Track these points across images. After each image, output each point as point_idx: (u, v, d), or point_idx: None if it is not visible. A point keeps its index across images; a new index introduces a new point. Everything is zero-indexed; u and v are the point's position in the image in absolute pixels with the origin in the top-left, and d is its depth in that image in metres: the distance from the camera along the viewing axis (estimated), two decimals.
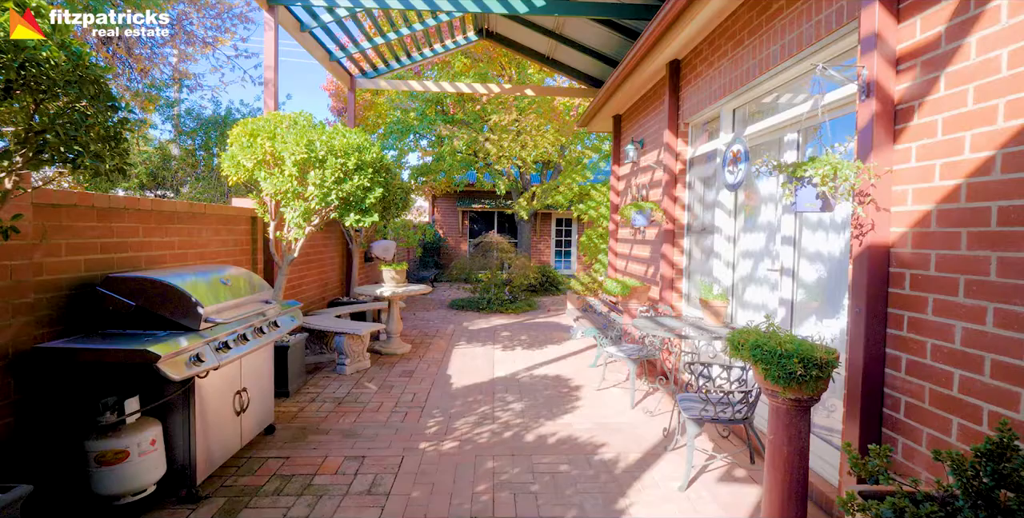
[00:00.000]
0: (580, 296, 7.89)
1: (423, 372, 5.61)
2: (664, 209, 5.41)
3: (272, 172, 4.27)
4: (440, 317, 9.36)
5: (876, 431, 2.53)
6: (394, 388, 5.03)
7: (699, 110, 4.96)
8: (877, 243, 2.49)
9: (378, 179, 4.59)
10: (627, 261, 7.35)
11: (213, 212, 4.41)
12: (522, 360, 6.20)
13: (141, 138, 9.04)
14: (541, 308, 10.58)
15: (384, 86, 8.29)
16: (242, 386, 3.45)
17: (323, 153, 4.29)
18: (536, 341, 7.31)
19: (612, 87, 6.55)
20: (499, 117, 10.40)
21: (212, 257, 4.49)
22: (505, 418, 4.25)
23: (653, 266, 6.10)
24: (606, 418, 4.27)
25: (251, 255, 5.18)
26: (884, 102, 2.48)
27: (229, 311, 3.26)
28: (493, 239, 10.78)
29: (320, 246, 7.17)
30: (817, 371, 2.27)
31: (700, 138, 5.30)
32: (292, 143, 4.20)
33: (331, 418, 4.21)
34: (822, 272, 3.49)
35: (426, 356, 6.32)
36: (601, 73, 8.12)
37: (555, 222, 17.92)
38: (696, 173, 5.33)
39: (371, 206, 4.56)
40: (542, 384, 5.23)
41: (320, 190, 4.29)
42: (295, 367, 4.86)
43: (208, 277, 3.32)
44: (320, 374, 5.47)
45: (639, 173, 6.78)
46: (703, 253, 5.20)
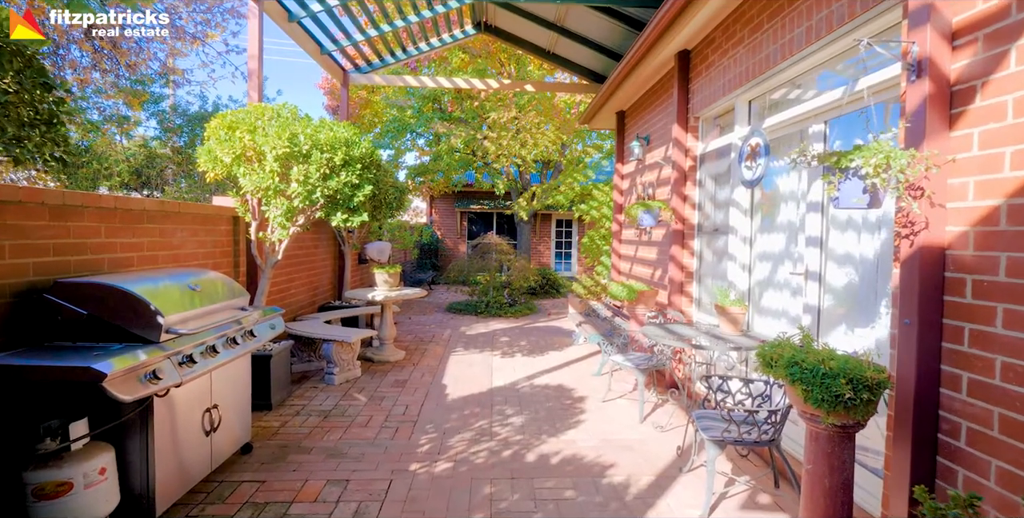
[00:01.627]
0: (582, 300, 7.57)
1: (417, 381, 5.28)
2: (673, 208, 5.09)
3: (252, 168, 3.94)
4: (437, 321, 9.03)
5: (929, 460, 2.20)
6: (385, 400, 4.69)
7: (711, 103, 4.65)
8: (930, 244, 2.16)
9: (367, 175, 4.27)
10: (631, 263, 7.03)
11: (189, 211, 4.09)
12: (522, 368, 5.87)
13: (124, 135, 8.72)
14: (541, 311, 10.25)
15: (378, 81, 7.97)
16: (213, 403, 3.12)
17: (307, 147, 3.96)
18: (537, 347, 6.98)
19: (616, 81, 6.23)
20: (498, 114, 10.08)
21: (188, 260, 4.16)
22: (504, 434, 3.93)
23: (660, 269, 5.78)
24: (613, 434, 3.94)
25: (232, 257, 4.85)
26: (938, 82, 2.16)
27: (197, 320, 2.93)
28: (492, 240, 10.45)
29: (310, 248, 6.84)
30: (868, 394, 1.95)
31: (711, 133, 4.99)
32: (273, 136, 3.88)
33: (315, 434, 3.88)
34: (852, 276, 3.17)
35: (421, 364, 5.99)
36: (604, 68, 7.81)
37: (555, 223, 17.60)
38: (707, 170, 5.02)
39: (360, 205, 4.23)
40: (543, 395, 4.90)
41: (304, 187, 3.96)
42: (279, 377, 4.53)
43: (174, 282, 2.99)
44: (307, 384, 5.14)
45: (645, 171, 6.46)
46: (715, 255, 4.88)
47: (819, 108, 3.25)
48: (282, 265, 6.00)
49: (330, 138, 4.10)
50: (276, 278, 5.84)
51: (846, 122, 3.26)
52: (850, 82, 2.97)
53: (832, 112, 3.20)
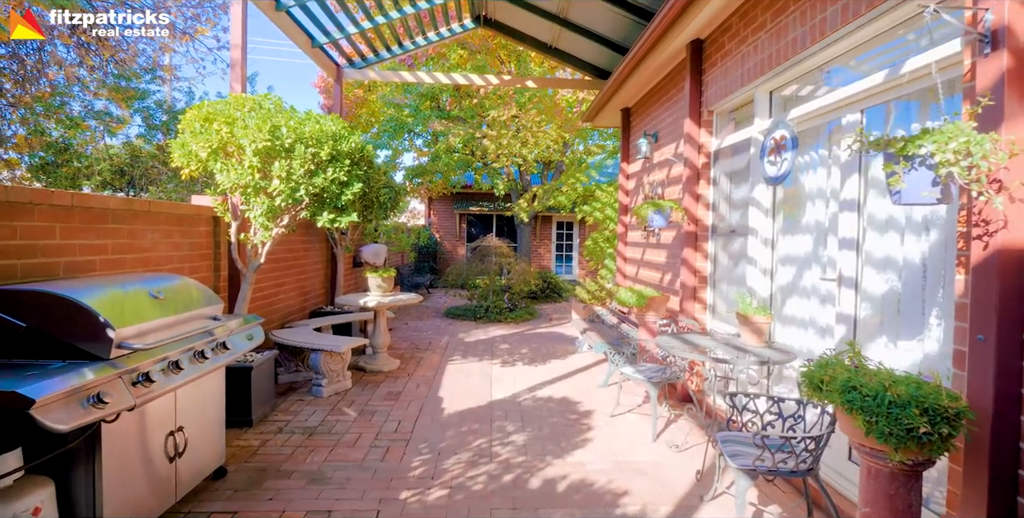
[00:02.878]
0: (586, 305, 7.23)
1: (411, 394, 4.93)
2: (685, 208, 4.76)
3: (229, 163, 3.61)
4: (434, 327, 8.68)
5: (1009, 501, 1.87)
6: (376, 414, 4.35)
7: (726, 95, 4.33)
8: (1011, 246, 1.83)
9: (357, 172, 3.94)
10: (638, 267, 6.70)
11: (161, 211, 3.75)
12: (523, 378, 5.53)
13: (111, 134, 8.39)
14: (542, 317, 9.91)
15: (374, 77, 7.65)
16: (178, 425, 2.78)
17: (290, 141, 3.63)
18: (538, 355, 6.64)
19: (622, 75, 5.92)
20: (498, 112, 9.75)
21: (161, 264, 3.82)
22: (505, 455, 3.58)
23: (670, 273, 5.45)
24: (625, 454, 3.60)
25: (213, 261, 4.51)
26: (1019, 56, 1.83)
27: (159, 332, 2.60)
28: (492, 243, 10.12)
29: (300, 250, 6.50)
30: (947, 427, 1.61)
31: (726, 128, 4.67)
32: (253, 129, 3.55)
33: (298, 456, 3.53)
34: (894, 283, 2.84)
35: (416, 374, 5.64)
36: (609, 63, 7.49)
37: (555, 225, 17.28)
38: (722, 167, 4.69)
39: (348, 204, 3.90)
40: (547, 409, 4.55)
41: (287, 184, 3.63)
42: (261, 390, 4.19)
43: (134, 289, 2.66)
44: (294, 396, 4.79)
45: (653, 170, 6.14)
46: (731, 259, 4.55)
47: (855, 96, 2.93)
48: (269, 269, 5.66)
49: (316, 131, 3.77)
50: (262, 283, 5.51)
51: (882, 112, 2.93)
52: (894, 64, 2.64)
53: (872, 99, 2.87)
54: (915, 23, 2.59)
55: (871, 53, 3.02)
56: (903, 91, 2.66)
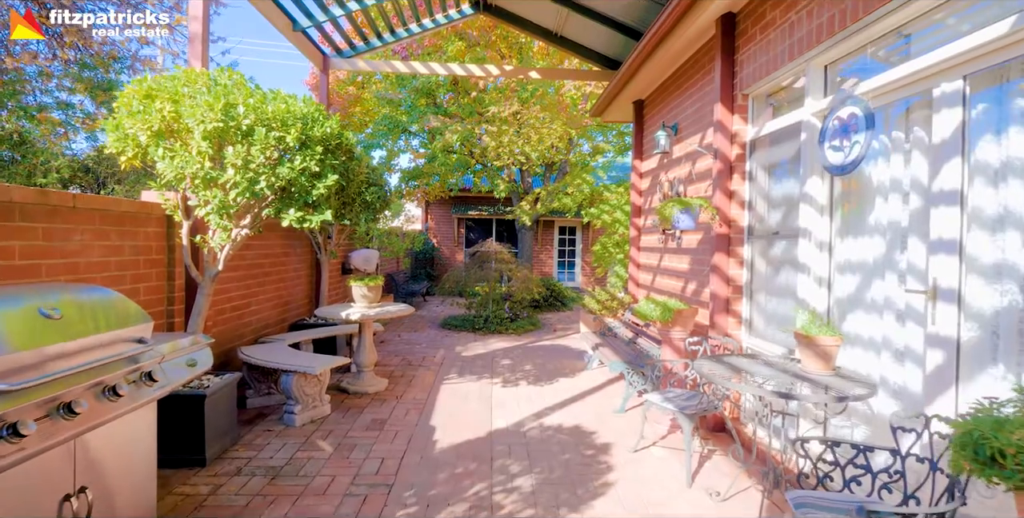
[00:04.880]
0: (596, 316, 6.57)
1: (399, 422, 4.26)
2: (717, 207, 4.12)
3: (173, 148, 2.96)
4: (429, 339, 8.01)
5: None
6: (356, 449, 3.68)
7: (768, 74, 3.70)
8: None
9: (332, 162, 3.29)
10: (653, 274, 6.05)
11: (93, 206, 3.10)
12: (528, 401, 4.86)
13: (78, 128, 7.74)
14: (546, 327, 9.24)
15: (363, 67, 7.04)
16: (78, 485, 2.11)
17: (249, 122, 2.99)
18: (544, 372, 5.96)
19: (637, 61, 5.30)
20: (498, 108, 9.13)
21: (93, 272, 3.17)
22: (509, 506, 2.91)
23: (695, 282, 4.80)
24: (657, 507, 2.93)
25: (165, 268, 3.86)
26: None
27: (51, 363, 1.93)
28: (491, 248, 9.47)
29: (279, 255, 5.84)
30: None
31: (763, 114, 4.04)
32: (203, 106, 2.90)
33: (255, 507, 2.86)
34: (1015, 296, 2.19)
35: (406, 396, 4.96)
36: (620, 51, 6.89)
37: (558, 230, 16.64)
38: (759, 160, 4.05)
39: (321, 199, 3.25)
40: (557, 441, 3.88)
41: (243, 174, 2.98)
42: (218, 421, 3.52)
43: (17, 307, 2.00)
44: (262, 424, 4.12)
45: (672, 166, 5.50)
46: (771, 265, 3.91)
47: (957, 57, 2.29)
48: (240, 277, 5.00)
49: (281, 112, 3.12)
50: (231, 293, 4.85)
51: (993, 78, 2.30)
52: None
53: (985, 59, 2.23)
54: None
55: (971, 8, 2.39)
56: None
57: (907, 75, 2.58)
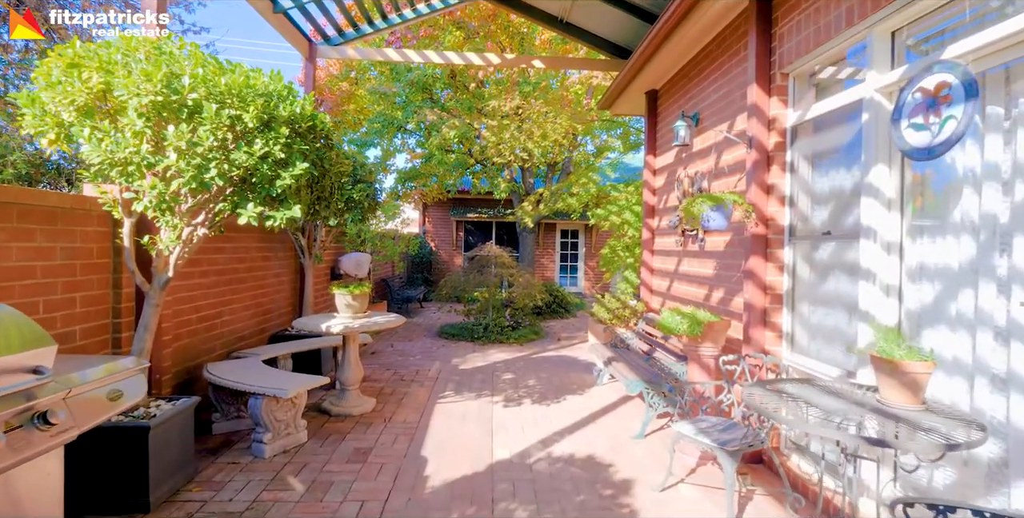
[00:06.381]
0: (607, 326, 6.01)
1: (385, 451, 3.69)
2: (752, 203, 3.58)
3: (102, 127, 2.41)
4: (424, 350, 7.44)
5: None
6: (333, 488, 3.11)
7: (816, 46, 3.17)
8: None
9: (300, 147, 2.74)
10: (670, 280, 5.50)
11: (11, 200, 2.55)
12: (533, 424, 4.30)
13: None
14: (549, 336, 8.68)
15: (353, 55, 6.51)
16: None
17: (196, 96, 2.44)
18: (550, 388, 5.40)
19: (653, 43, 4.77)
20: (499, 102, 8.60)
21: (12, 279, 2.61)
22: None
23: (722, 289, 4.25)
24: None
25: (111, 275, 3.30)
26: None
27: None
28: (491, 252, 8.91)
29: (256, 259, 5.29)
30: None
31: (806, 96, 3.50)
32: (139, 76, 2.36)
33: None
34: None
35: (395, 418, 4.40)
36: (630, 37, 6.37)
37: (560, 233, 16.09)
38: (803, 148, 3.51)
39: (287, 192, 2.70)
40: (569, 477, 3.32)
41: (188, 160, 2.43)
42: (168, 457, 2.96)
43: None
44: (227, 455, 3.55)
45: (693, 159, 4.96)
46: (816, 271, 3.36)
47: None
48: (211, 283, 4.45)
49: (238, 86, 2.58)
50: (201, 301, 4.29)
51: None
52: None
53: None
54: None
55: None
56: None
57: (1013, 33, 2.03)
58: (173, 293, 3.88)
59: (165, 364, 3.72)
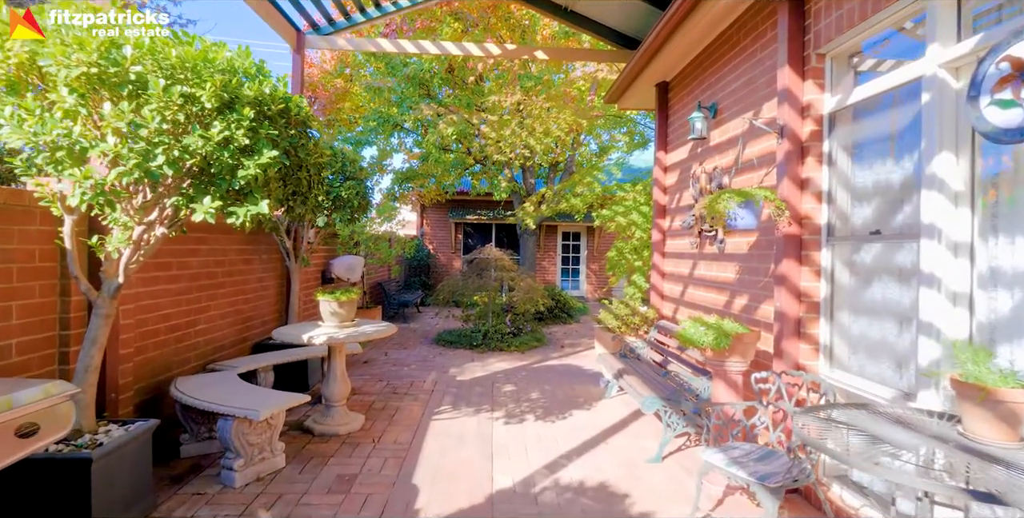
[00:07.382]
0: (616, 335, 5.61)
1: (372, 478, 3.28)
2: (784, 200, 3.18)
3: (25, 105, 2.02)
4: (420, 358, 7.02)
5: None
6: None
7: (860, 21, 2.78)
8: None
9: (268, 132, 2.34)
10: (684, 285, 5.10)
11: None
12: (538, 445, 3.89)
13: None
14: (552, 343, 8.27)
15: (344, 46, 6.13)
16: None
17: (140, 69, 2.05)
18: (555, 402, 4.99)
19: (666, 29, 4.39)
20: (499, 97, 8.23)
21: None
22: None
23: (745, 295, 3.85)
24: None
25: (58, 281, 2.90)
26: None
27: None
28: (491, 255, 8.52)
29: (237, 262, 4.89)
30: None
31: (844, 80, 3.11)
32: (72, 43, 1.97)
33: None
34: None
35: (385, 438, 3.99)
36: (639, 26, 6.00)
37: (561, 236, 15.68)
38: (843, 138, 3.12)
39: (253, 184, 2.30)
40: (580, 509, 2.91)
41: (129, 145, 2.03)
42: (117, 492, 2.55)
43: None
44: (194, 483, 3.14)
45: (710, 154, 4.57)
46: (859, 276, 2.96)
47: None
48: (183, 289, 4.05)
49: (193, 58, 2.18)
50: (170, 308, 3.89)
51: None
52: None
53: None
54: None
55: None
56: None
57: None
58: (136, 300, 3.48)
59: (124, 381, 3.31)
